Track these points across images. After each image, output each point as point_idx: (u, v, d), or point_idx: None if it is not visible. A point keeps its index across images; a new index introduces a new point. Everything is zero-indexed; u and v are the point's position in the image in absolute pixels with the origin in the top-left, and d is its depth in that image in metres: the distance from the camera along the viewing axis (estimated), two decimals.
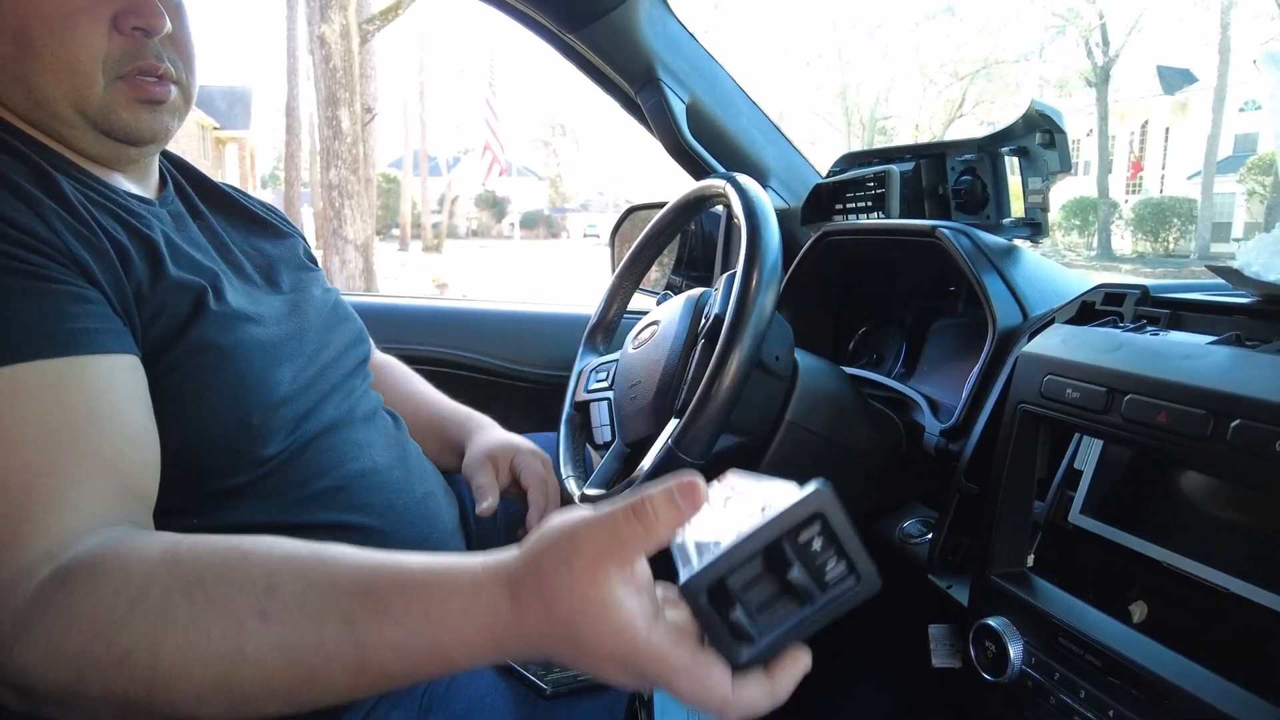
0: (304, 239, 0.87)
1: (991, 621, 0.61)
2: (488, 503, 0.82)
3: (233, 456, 0.60)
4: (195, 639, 0.41)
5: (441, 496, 0.81)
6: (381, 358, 1.00)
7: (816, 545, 0.38)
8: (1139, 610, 0.58)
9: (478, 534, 0.89)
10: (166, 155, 0.77)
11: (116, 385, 0.52)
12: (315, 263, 0.85)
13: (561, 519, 0.43)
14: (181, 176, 0.77)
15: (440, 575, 0.43)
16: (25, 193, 0.53)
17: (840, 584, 0.39)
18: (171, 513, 0.55)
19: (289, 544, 0.45)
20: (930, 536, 0.77)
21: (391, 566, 0.44)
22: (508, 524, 0.93)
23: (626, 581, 0.40)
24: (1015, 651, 0.60)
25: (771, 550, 0.38)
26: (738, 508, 0.41)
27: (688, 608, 0.39)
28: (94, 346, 0.51)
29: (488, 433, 0.94)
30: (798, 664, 0.42)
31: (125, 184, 0.66)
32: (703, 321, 0.79)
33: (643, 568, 0.42)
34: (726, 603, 0.39)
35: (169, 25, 0.62)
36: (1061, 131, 0.90)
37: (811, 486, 0.38)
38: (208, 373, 0.59)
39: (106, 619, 0.42)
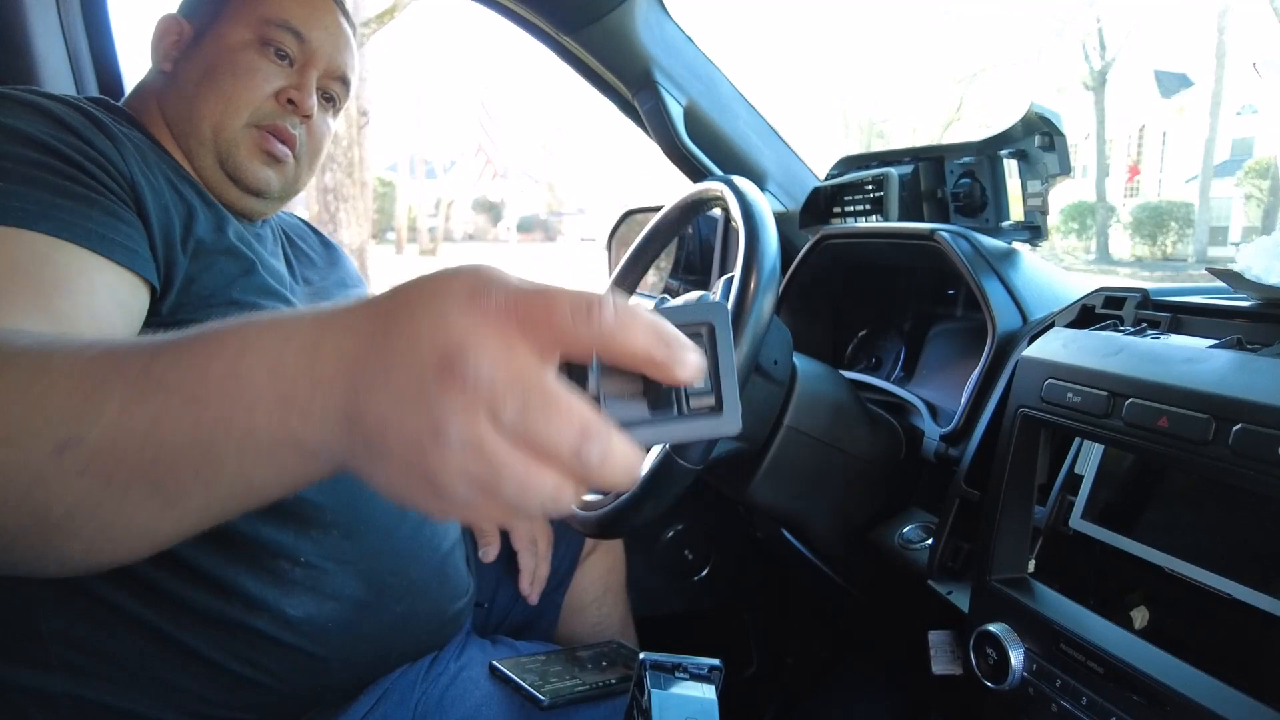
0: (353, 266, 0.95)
1: (992, 628, 0.61)
2: (491, 549, 0.89)
3: None
4: None
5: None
6: None
7: None
8: (1140, 616, 0.58)
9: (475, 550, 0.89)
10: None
11: (102, 293, 0.55)
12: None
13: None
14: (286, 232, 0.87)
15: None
16: (113, 134, 0.62)
17: (700, 412, 0.34)
18: None
19: None
20: (930, 542, 0.76)
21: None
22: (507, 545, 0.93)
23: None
24: (1016, 658, 0.59)
25: None
26: None
27: None
28: (104, 249, 0.56)
29: None
30: (628, 458, 0.30)
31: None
32: None
33: None
34: (581, 376, 0.33)
35: (314, 112, 0.77)
36: (1060, 134, 0.90)
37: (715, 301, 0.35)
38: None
39: None
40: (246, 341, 0.32)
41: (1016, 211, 0.97)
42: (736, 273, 0.69)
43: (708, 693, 0.55)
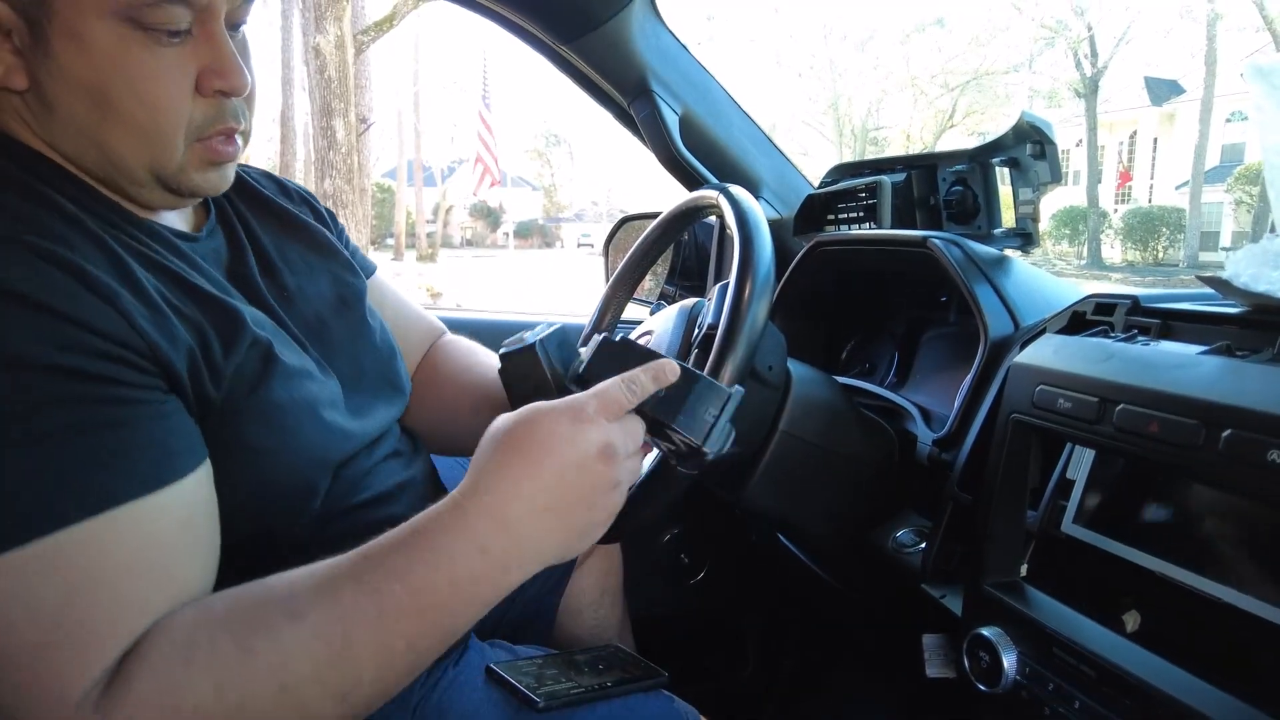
0: (345, 235, 0.82)
1: (985, 631, 0.61)
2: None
3: (294, 510, 0.60)
4: (245, 662, 0.45)
5: None
6: (450, 341, 0.94)
7: None
8: (1132, 620, 0.58)
9: None
10: None
11: (197, 503, 0.51)
12: (359, 268, 0.79)
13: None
14: (232, 194, 0.70)
15: (421, 512, 0.51)
16: (105, 289, 0.49)
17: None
18: (229, 559, 0.55)
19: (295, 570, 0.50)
20: (924, 546, 0.77)
21: (385, 533, 0.51)
22: None
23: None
24: (1009, 662, 0.59)
25: None
26: None
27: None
28: (179, 471, 0.50)
29: None
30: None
31: (166, 218, 0.62)
32: (696, 331, 0.79)
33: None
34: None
35: (251, 82, 0.59)
36: (1052, 142, 0.90)
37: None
38: (279, 434, 0.58)
39: (170, 688, 0.44)
40: (455, 588, 0.49)
41: (1008, 218, 0.98)
42: (731, 279, 0.70)
43: None
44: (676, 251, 1.48)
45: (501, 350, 0.74)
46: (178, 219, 0.64)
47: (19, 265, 0.46)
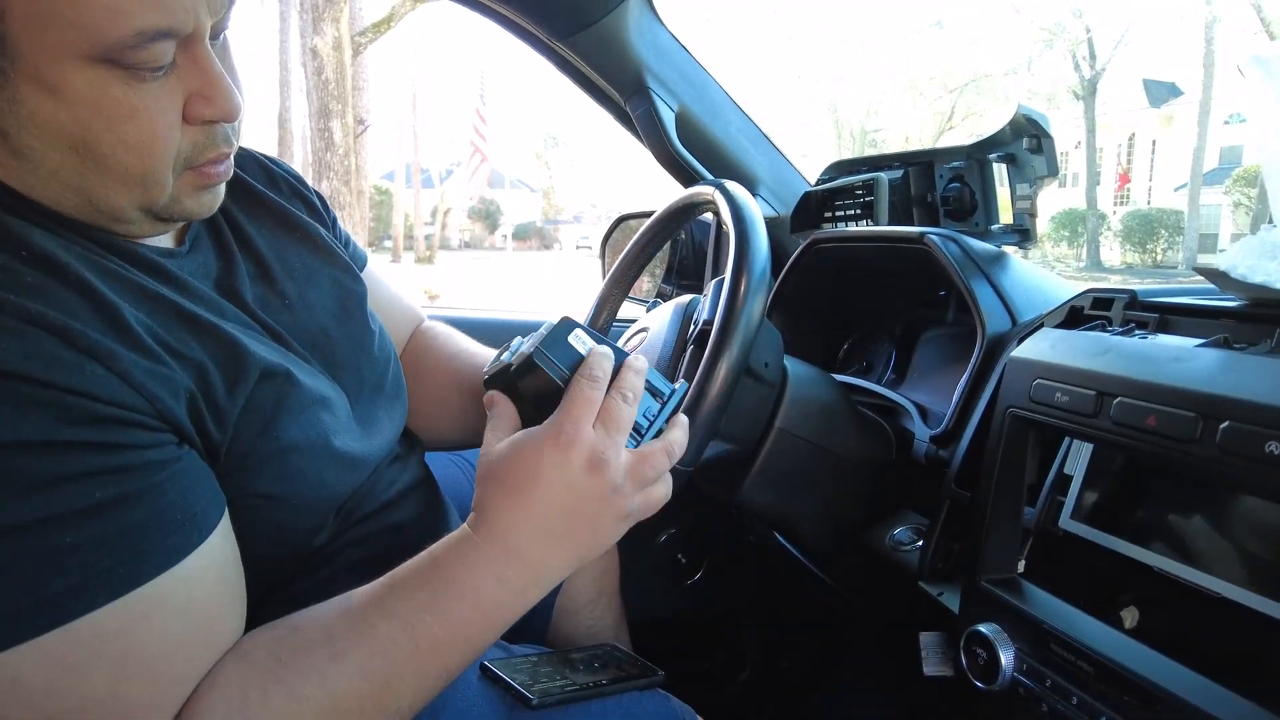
0: (338, 225, 0.78)
1: (983, 628, 0.61)
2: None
3: (298, 545, 0.59)
4: (299, 710, 0.47)
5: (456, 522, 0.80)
6: (430, 328, 0.91)
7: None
8: (1130, 616, 0.58)
9: None
10: None
11: (225, 555, 0.51)
12: (355, 264, 0.75)
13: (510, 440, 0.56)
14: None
15: (437, 543, 0.54)
16: (97, 348, 0.45)
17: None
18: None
19: (318, 605, 0.52)
20: (921, 544, 0.76)
21: (405, 564, 0.54)
22: None
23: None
24: (1007, 658, 0.59)
25: None
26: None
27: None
28: (205, 531, 0.48)
29: None
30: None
31: (146, 238, 0.58)
32: (691, 328, 0.79)
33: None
34: None
35: (242, 105, 0.53)
36: (1048, 136, 0.90)
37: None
38: (292, 478, 0.56)
39: None
40: (482, 615, 0.53)
41: (1005, 215, 0.98)
42: (727, 276, 0.69)
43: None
44: (674, 251, 1.48)
45: (484, 377, 0.70)
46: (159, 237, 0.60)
47: (2, 335, 0.43)
